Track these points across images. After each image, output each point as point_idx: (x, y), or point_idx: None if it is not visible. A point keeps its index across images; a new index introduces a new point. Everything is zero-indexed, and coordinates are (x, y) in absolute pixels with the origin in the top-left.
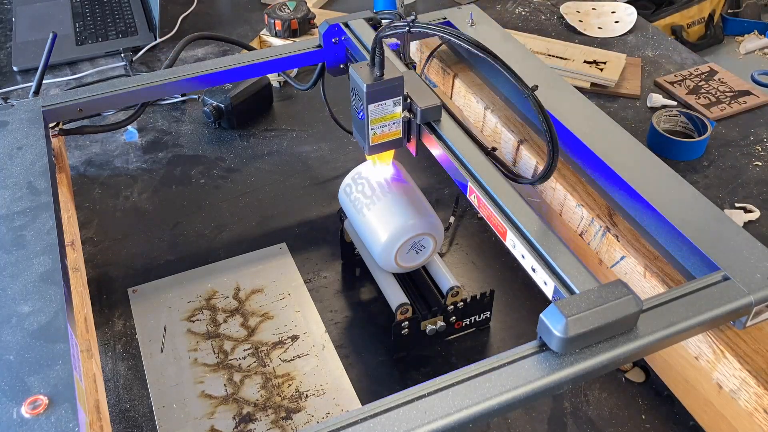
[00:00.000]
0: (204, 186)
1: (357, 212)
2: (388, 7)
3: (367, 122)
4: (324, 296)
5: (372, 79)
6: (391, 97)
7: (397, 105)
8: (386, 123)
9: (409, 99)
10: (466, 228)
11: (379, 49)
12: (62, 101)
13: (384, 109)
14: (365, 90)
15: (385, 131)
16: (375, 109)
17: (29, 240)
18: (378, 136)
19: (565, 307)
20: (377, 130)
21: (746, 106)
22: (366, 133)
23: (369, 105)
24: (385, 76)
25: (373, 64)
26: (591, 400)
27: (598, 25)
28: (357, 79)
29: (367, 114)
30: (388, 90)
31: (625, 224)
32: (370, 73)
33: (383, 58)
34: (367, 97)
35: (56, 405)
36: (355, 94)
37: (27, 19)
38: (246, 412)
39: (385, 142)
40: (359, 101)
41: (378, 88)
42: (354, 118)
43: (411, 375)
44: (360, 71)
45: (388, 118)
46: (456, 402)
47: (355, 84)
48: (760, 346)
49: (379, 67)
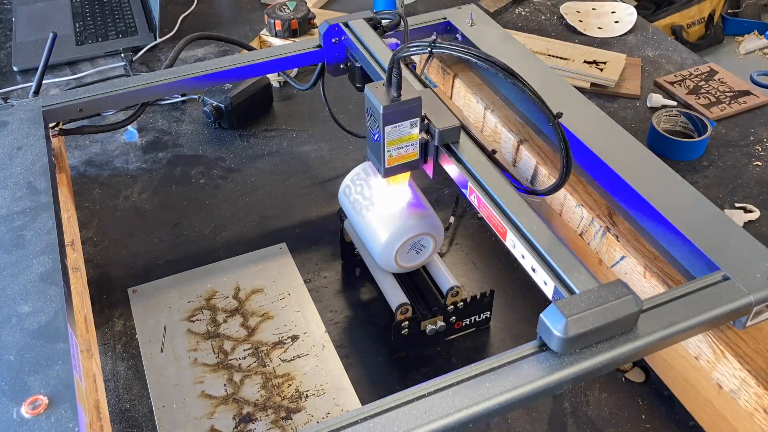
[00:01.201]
0: (204, 186)
1: (356, 213)
2: (388, 7)
3: (383, 144)
4: (324, 296)
5: (388, 100)
6: (408, 119)
7: (414, 126)
8: (402, 145)
9: (426, 120)
10: (466, 228)
11: (397, 69)
12: (62, 101)
13: (401, 131)
14: (381, 111)
15: (401, 153)
16: (391, 131)
17: (29, 240)
18: (394, 158)
19: (565, 307)
20: (393, 152)
21: (746, 106)
22: (381, 155)
23: (385, 127)
24: (402, 96)
25: (390, 84)
26: (591, 400)
27: (598, 25)
28: (373, 99)
29: (383, 136)
30: (405, 111)
31: (625, 224)
32: (387, 93)
33: (401, 78)
34: (383, 118)
35: (56, 405)
36: (370, 115)
37: (27, 19)
38: (246, 412)
39: (401, 164)
40: (375, 123)
41: (395, 109)
42: (369, 140)
43: (411, 375)
44: (376, 92)
45: (405, 139)
46: (456, 402)
47: (370, 104)
48: (760, 346)
49: (396, 88)
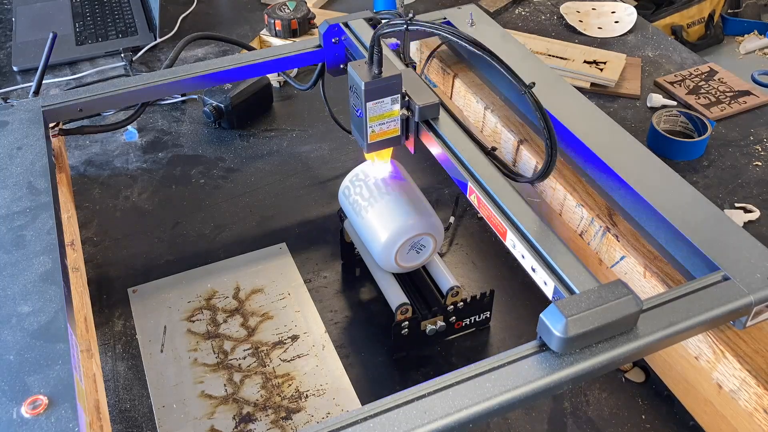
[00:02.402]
0: (204, 186)
1: (356, 214)
2: (388, 7)
3: (365, 120)
4: (324, 296)
5: (370, 76)
6: (390, 95)
7: (395, 103)
8: (384, 121)
9: (407, 97)
10: (466, 228)
11: (378, 47)
12: (62, 101)
13: (382, 107)
14: (363, 87)
15: (384, 129)
16: (373, 107)
17: (29, 240)
18: (376, 134)
19: (565, 307)
20: (375, 127)
21: (746, 106)
22: (364, 131)
23: (367, 102)
24: (383, 73)
25: (372, 62)
26: (591, 400)
27: (598, 25)
28: (355, 76)
29: (366, 111)
30: (386, 88)
31: (625, 224)
32: (369, 70)
33: (381, 56)
34: (365, 94)
35: (56, 405)
36: (353, 92)
37: (27, 19)
38: (246, 412)
39: (384, 140)
40: (357, 99)
41: (376, 85)
42: (352, 116)
43: (411, 375)
44: (358, 69)
45: (387, 115)
46: (456, 402)
47: (353, 82)
48: (760, 346)
49: (378, 65)
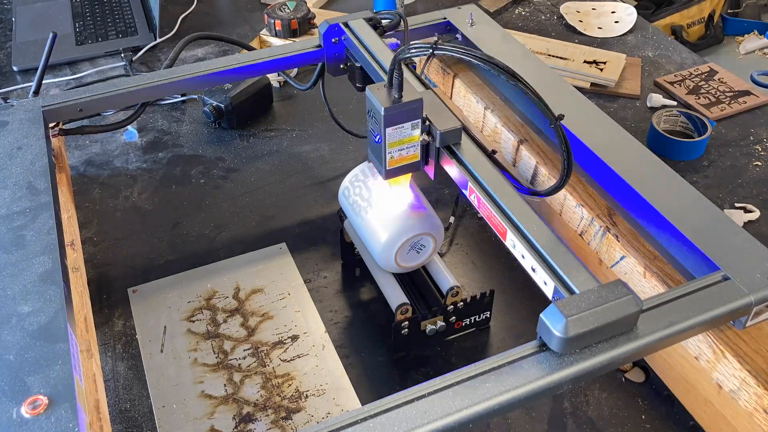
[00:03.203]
0: (204, 186)
1: (356, 215)
2: (388, 7)
3: (384, 146)
4: (324, 296)
5: (390, 101)
6: (410, 120)
7: (415, 128)
8: (404, 146)
9: (428, 121)
10: (466, 228)
11: (398, 70)
12: (62, 101)
13: (402, 133)
14: (383, 113)
15: (403, 155)
16: (393, 133)
17: (29, 240)
18: (395, 160)
19: (565, 307)
20: (394, 153)
21: (746, 106)
22: (383, 157)
23: (386, 128)
24: (403, 98)
25: (391, 86)
26: (591, 400)
27: (598, 25)
28: (374, 101)
29: (384, 137)
30: (407, 113)
31: (625, 224)
32: (388, 95)
33: (402, 80)
34: (384, 120)
35: (56, 405)
36: (371, 117)
37: (27, 19)
38: (246, 412)
39: (403, 166)
40: (376, 124)
41: (396, 111)
42: (369, 141)
43: (411, 375)
44: (377, 93)
45: (406, 141)
46: (456, 402)
47: (371, 106)
48: (760, 346)
49: (398, 89)
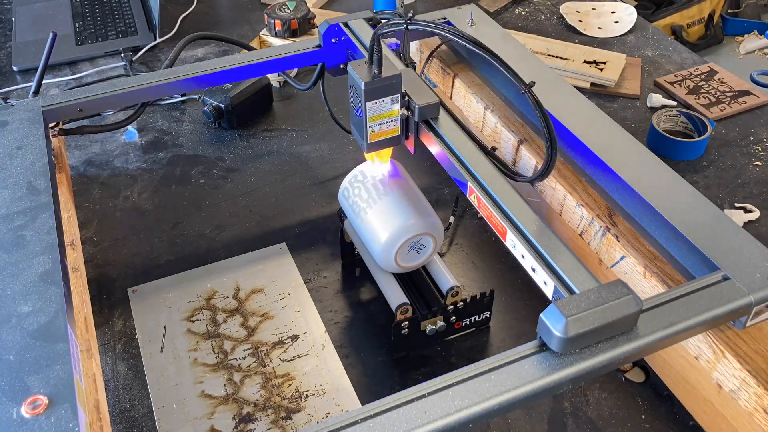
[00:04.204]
0: (204, 186)
1: (356, 215)
2: (388, 7)
3: (365, 120)
4: (324, 296)
5: (370, 76)
6: (389, 95)
7: (395, 102)
8: (384, 120)
9: (407, 96)
10: (466, 228)
11: (377, 46)
12: (62, 101)
13: (382, 107)
14: (363, 87)
15: (383, 129)
16: (373, 107)
17: (29, 240)
18: (376, 134)
19: (565, 307)
20: (375, 127)
21: (746, 106)
22: (364, 131)
23: (367, 102)
24: (383, 73)
25: (371, 62)
26: (591, 400)
27: (598, 25)
28: (355, 76)
29: (365, 111)
30: (386, 87)
31: (625, 224)
32: (368, 70)
33: (381, 56)
34: (365, 94)
35: (56, 405)
36: (353, 92)
37: (27, 19)
38: (246, 412)
39: (383, 140)
40: (357, 98)
41: (376, 85)
42: (352, 116)
43: (411, 375)
44: (358, 69)
45: (386, 115)
46: (456, 402)
47: (353, 81)
48: (760, 346)
49: (377, 65)
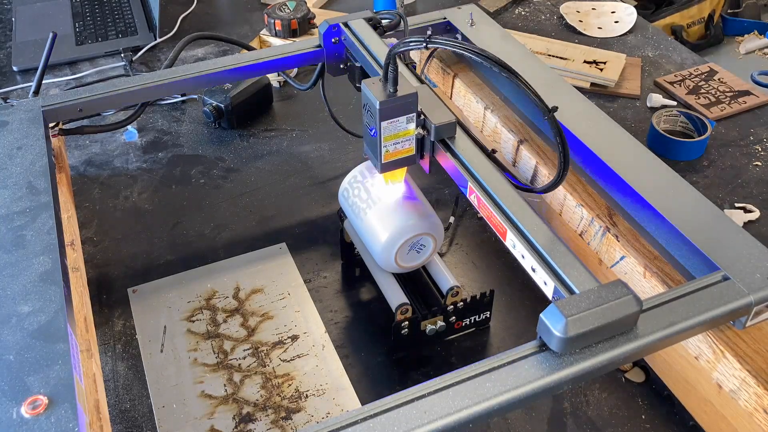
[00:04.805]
0: (204, 186)
1: (356, 216)
2: (388, 7)
3: (379, 139)
4: (324, 296)
5: (385, 95)
6: (405, 114)
7: (410, 122)
8: (399, 140)
9: (422, 115)
10: (466, 228)
11: (393, 65)
12: (62, 101)
13: (397, 126)
14: (378, 107)
15: (398, 148)
16: (388, 126)
17: (29, 240)
18: (390, 154)
19: (565, 307)
20: (390, 147)
21: (746, 106)
22: (378, 151)
23: (382, 122)
24: (398, 92)
25: (386, 80)
26: (591, 400)
27: (598, 25)
28: (369, 95)
29: (380, 131)
30: (402, 107)
31: (625, 224)
32: (383, 89)
33: (397, 74)
34: (379, 114)
35: (56, 405)
36: (367, 110)
37: (27, 19)
38: (246, 412)
39: (398, 159)
40: (371, 118)
41: (391, 105)
42: (365, 135)
43: (411, 375)
44: (372, 87)
45: (401, 135)
46: (456, 402)
47: (367, 100)
48: (760, 346)
49: (393, 83)
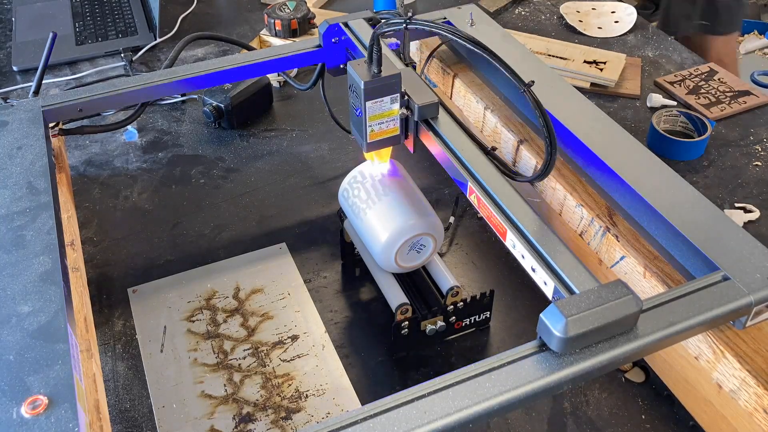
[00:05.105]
0: (204, 186)
1: (356, 216)
2: (388, 7)
3: (364, 119)
4: (324, 296)
5: (369, 76)
6: (389, 94)
7: (394, 102)
8: (384, 120)
9: (406, 96)
10: (466, 228)
11: (377, 46)
12: (62, 101)
13: (381, 106)
14: (362, 87)
15: (383, 128)
16: (372, 106)
17: (29, 240)
18: (375, 133)
19: (565, 307)
20: (375, 127)
21: (746, 106)
22: (364, 130)
23: (366, 102)
24: (382, 73)
25: (371, 61)
26: (591, 400)
27: (598, 25)
28: (354, 75)
29: (365, 111)
30: (386, 87)
31: (625, 224)
32: (368, 70)
33: (381, 55)
34: (364, 93)
35: (56, 405)
36: (352, 91)
37: (27, 19)
38: (246, 412)
39: (383, 139)
40: (357, 98)
41: (375, 85)
42: (351, 116)
43: (411, 375)
44: (357, 68)
45: (386, 115)
46: (456, 402)
47: (352, 81)
48: (760, 346)
49: (377, 64)
